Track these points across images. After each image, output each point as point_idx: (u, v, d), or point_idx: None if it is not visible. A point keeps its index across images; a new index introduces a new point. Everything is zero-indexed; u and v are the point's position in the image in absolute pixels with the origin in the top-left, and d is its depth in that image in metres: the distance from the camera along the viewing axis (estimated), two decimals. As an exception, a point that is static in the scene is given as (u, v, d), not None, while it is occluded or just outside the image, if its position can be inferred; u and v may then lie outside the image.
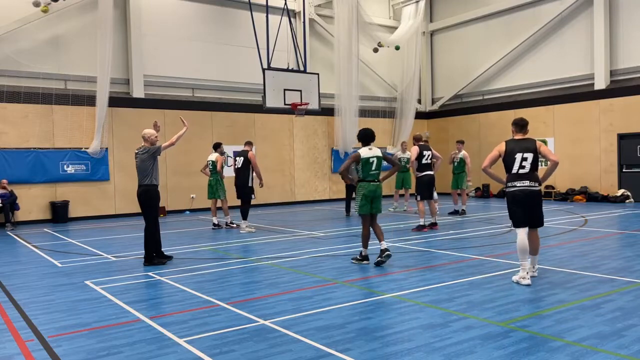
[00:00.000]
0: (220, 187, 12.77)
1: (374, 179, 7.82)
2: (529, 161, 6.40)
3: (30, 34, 15.35)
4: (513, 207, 6.46)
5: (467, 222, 12.82)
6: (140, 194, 8.37)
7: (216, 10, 18.55)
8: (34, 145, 15.18)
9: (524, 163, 6.40)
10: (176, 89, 17.84)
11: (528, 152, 6.43)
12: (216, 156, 12.87)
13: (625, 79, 17.25)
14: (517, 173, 6.42)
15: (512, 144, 6.56)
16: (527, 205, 6.40)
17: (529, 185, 6.39)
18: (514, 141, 6.61)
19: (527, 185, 6.39)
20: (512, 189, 6.45)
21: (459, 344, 4.39)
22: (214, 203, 13.02)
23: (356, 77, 19.73)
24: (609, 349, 4.22)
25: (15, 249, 10.60)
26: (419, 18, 21.68)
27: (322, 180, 20.61)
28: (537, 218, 6.50)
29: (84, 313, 5.66)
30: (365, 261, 7.88)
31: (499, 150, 6.62)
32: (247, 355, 4.28)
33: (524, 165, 6.40)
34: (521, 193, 6.38)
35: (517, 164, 6.41)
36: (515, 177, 6.43)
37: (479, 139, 21.13)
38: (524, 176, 6.40)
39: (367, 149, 7.83)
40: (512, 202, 6.45)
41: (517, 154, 6.43)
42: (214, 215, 13.03)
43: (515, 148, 6.49)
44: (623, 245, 9.20)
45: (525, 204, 6.38)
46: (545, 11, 19.15)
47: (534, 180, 6.42)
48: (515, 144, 6.54)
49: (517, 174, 6.42)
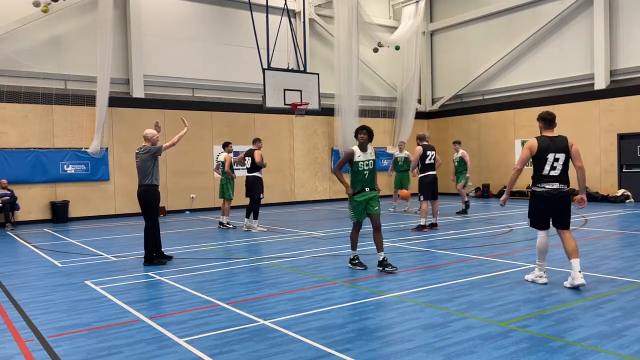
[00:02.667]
0: (230, 186, 12.75)
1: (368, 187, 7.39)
2: (561, 162, 6.01)
3: (30, 34, 15.36)
4: (536, 207, 6.18)
5: (467, 222, 12.82)
6: (141, 194, 8.37)
7: (216, 10, 18.55)
8: (34, 145, 15.19)
9: (555, 164, 6.01)
10: (176, 89, 17.84)
11: (560, 152, 6.02)
12: (224, 156, 12.84)
13: (625, 79, 17.25)
14: (547, 174, 6.03)
15: (545, 142, 6.06)
16: (555, 207, 6.08)
17: (559, 188, 6.03)
18: (546, 139, 6.10)
19: (556, 188, 6.03)
20: (540, 190, 6.09)
21: (459, 344, 4.39)
22: (224, 203, 13.01)
23: (356, 77, 19.73)
24: (609, 349, 4.22)
25: (15, 249, 10.60)
26: (419, 18, 21.68)
27: (322, 180, 20.61)
28: (564, 221, 6.17)
29: (84, 313, 5.66)
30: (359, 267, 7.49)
31: (530, 149, 6.11)
32: (247, 355, 4.28)
33: (555, 167, 6.01)
34: (549, 195, 6.04)
35: (549, 165, 6.02)
36: (545, 179, 6.05)
37: (479, 139, 21.13)
38: (555, 178, 6.03)
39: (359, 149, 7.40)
40: (537, 202, 6.15)
41: (550, 154, 6.01)
42: (223, 215, 13.02)
43: (548, 147, 6.03)
44: (623, 245, 9.20)
45: (552, 206, 6.08)
46: (545, 11, 19.14)
47: (564, 183, 6.05)
48: (547, 142, 6.06)
49: (548, 175, 6.03)
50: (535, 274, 6.35)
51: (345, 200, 21.29)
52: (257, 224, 12.22)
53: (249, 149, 12.32)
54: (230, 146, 13.02)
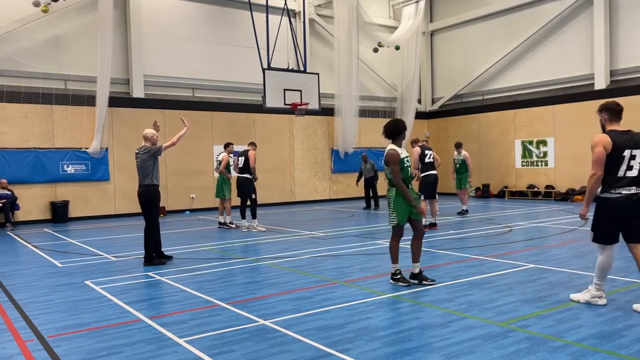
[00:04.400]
0: (225, 186, 12.78)
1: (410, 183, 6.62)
2: (638, 160, 5.07)
3: (30, 34, 15.35)
4: (608, 218, 5.16)
5: (467, 222, 12.81)
6: (141, 194, 8.37)
7: (216, 10, 18.55)
8: (34, 145, 15.18)
9: (632, 162, 5.07)
10: (176, 89, 17.84)
11: (638, 149, 5.08)
12: (222, 156, 12.88)
13: (625, 79, 17.25)
14: (623, 176, 5.08)
15: (619, 137, 5.13)
16: (630, 216, 5.13)
17: (637, 192, 5.10)
18: (619, 133, 5.18)
19: (634, 192, 5.09)
20: (615, 196, 5.09)
21: (459, 344, 4.39)
22: (221, 203, 13.04)
23: (356, 77, 19.73)
24: (609, 349, 4.22)
25: (15, 249, 10.60)
26: (419, 18, 21.69)
27: (322, 180, 20.61)
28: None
29: (84, 313, 5.66)
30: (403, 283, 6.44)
31: (604, 145, 5.11)
32: (247, 355, 4.28)
33: (631, 166, 5.07)
34: (627, 201, 5.07)
35: (625, 164, 5.07)
36: (621, 182, 5.09)
37: (479, 139, 21.13)
38: (632, 180, 5.09)
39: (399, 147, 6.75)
40: (610, 211, 5.14)
41: (626, 150, 5.06)
42: (221, 215, 13.06)
43: (624, 142, 5.08)
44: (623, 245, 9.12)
45: (627, 215, 5.12)
46: (545, 11, 19.14)
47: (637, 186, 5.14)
48: (622, 137, 5.13)
49: (624, 177, 5.09)
50: (592, 294, 5.41)
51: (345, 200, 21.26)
52: (256, 224, 12.24)
53: (244, 150, 12.43)
54: (232, 147, 13.05)
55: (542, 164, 19.27)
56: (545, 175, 19.19)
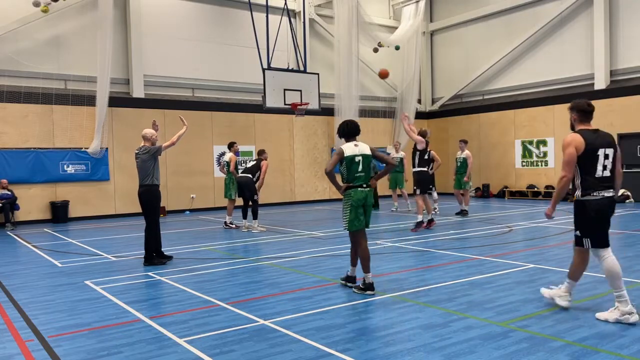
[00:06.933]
0: (233, 186, 12.75)
1: (362, 184, 6.19)
2: (611, 159, 4.92)
3: (30, 34, 15.35)
4: (598, 223, 4.94)
5: (467, 222, 12.81)
6: (141, 194, 8.37)
7: (216, 10, 18.55)
8: (34, 145, 15.18)
9: (606, 162, 4.90)
10: (176, 89, 17.84)
11: (610, 148, 4.93)
12: (229, 156, 12.82)
13: (625, 79, 17.25)
14: (601, 177, 4.90)
15: (591, 136, 4.90)
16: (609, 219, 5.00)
17: (613, 195, 4.96)
18: (591, 132, 4.95)
19: (612, 195, 4.94)
20: (597, 198, 4.89)
21: (459, 344, 4.39)
22: (230, 203, 13.01)
23: (356, 77, 19.73)
24: (609, 349, 4.22)
25: (15, 249, 10.60)
26: (419, 18, 21.69)
27: (322, 180, 20.59)
28: None
29: (84, 313, 5.66)
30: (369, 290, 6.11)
31: (575, 146, 4.86)
32: (247, 355, 4.28)
33: (605, 166, 4.90)
34: (610, 204, 4.94)
35: (601, 163, 4.88)
36: (600, 183, 4.90)
37: (479, 139, 21.13)
38: (608, 180, 4.94)
39: (352, 144, 6.27)
40: (597, 216, 4.90)
41: (600, 149, 4.87)
42: (229, 215, 13.03)
43: (596, 141, 4.88)
44: (623, 245, 9.19)
45: (609, 217, 4.98)
46: (545, 11, 19.15)
47: (613, 187, 4.99)
48: (595, 136, 4.91)
49: (602, 177, 4.90)
50: (621, 310, 4.82)
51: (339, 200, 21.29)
52: (257, 224, 12.25)
53: (258, 158, 12.46)
54: (236, 146, 13.01)
55: (542, 164, 19.28)
56: (545, 175, 19.19)
